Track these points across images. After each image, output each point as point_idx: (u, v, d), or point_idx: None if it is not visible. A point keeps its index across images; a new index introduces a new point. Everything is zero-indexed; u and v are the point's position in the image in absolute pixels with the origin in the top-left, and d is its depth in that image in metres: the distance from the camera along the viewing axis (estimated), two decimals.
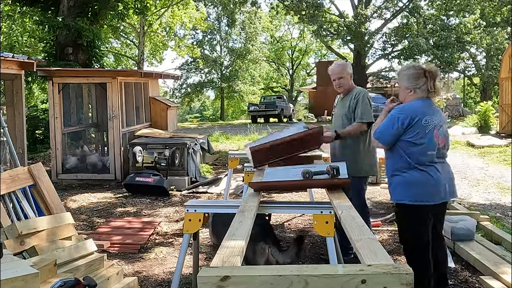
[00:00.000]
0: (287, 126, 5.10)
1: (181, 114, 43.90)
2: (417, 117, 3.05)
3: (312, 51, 47.93)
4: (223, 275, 1.49)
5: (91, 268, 3.34)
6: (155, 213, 6.37)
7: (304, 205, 3.35)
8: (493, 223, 5.23)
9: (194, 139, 8.85)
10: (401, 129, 3.07)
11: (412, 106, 3.12)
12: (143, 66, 29.75)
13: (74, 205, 6.90)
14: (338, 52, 35.83)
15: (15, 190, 3.56)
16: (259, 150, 3.71)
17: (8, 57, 7.26)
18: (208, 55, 39.78)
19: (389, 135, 3.12)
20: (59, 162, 8.63)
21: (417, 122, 3.05)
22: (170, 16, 27.21)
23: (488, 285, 3.51)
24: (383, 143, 3.17)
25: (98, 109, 10.03)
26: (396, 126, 3.08)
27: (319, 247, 4.76)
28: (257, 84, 44.20)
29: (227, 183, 6.19)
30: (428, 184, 3.07)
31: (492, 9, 26.35)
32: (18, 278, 2.15)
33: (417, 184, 3.07)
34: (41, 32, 14.90)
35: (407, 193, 3.09)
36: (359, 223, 2.30)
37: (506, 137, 14.01)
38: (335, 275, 1.49)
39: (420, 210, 3.08)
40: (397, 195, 3.16)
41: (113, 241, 4.96)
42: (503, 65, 15.83)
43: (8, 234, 3.15)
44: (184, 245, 3.15)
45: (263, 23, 41.31)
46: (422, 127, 3.06)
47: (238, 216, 2.50)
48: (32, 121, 13.23)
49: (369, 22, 27.42)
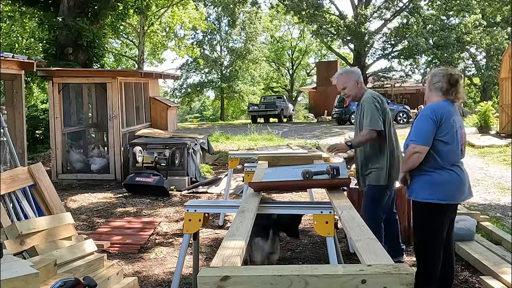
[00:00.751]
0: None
1: (181, 114, 43.95)
2: (447, 116, 3.08)
3: (312, 51, 47.94)
4: (223, 275, 1.49)
5: (91, 268, 3.34)
6: (155, 213, 6.37)
7: (304, 205, 3.35)
8: (493, 223, 5.23)
9: (194, 139, 8.86)
10: (435, 128, 3.06)
11: (440, 106, 3.12)
12: (143, 66, 29.77)
13: (74, 205, 6.90)
14: (338, 52, 35.83)
15: (15, 190, 3.56)
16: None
17: (8, 57, 7.26)
18: (208, 55, 39.78)
19: (427, 135, 3.07)
20: (59, 162, 8.63)
21: (447, 121, 3.08)
22: (170, 16, 27.21)
23: (488, 285, 3.51)
24: (426, 145, 3.07)
25: (98, 109, 10.02)
26: (431, 125, 3.06)
27: (319, 247, 4.76)
28: (257, 84, 44.18)
29: (227, 183, 6.19)
30: (455, 183, 3.12)
31: (492, 9, 26.37)
32: (18, 278, 2.15)
33: (445, 184, 3.09)
34: (41, 32, 14.90)
35: (435, 192, 3.09)
36: (359, 223, 2.30)
37: (506, 137, 14.00)
38: (335, 275, 1.49)
39: (443, 209, 3.12)
40: (422, 194, 3.14)
41: (113, 241, 4.96)
42: (503, 65, 15.82)
43: (8, 234, 3.15)
44: (184, 245, 3.15)
45: (263, 23, 41.31)
46: (451, 126, 3.09)
47: (238, 216, 2.51)
48: (32, 121, 13.22)
49: (369, 22, 27.43)
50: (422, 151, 3.07)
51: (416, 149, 3.07)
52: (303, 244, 4.89)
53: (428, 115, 3.08)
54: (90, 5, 14.39)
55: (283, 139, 15.46)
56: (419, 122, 3.13)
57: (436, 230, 3.16)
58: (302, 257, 4.50)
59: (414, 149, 3.08)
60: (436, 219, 3.15)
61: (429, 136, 3.06)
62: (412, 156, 3.10)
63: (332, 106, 25.50)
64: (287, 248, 4.79)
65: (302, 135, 17.53)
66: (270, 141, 14.94)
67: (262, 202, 2.99)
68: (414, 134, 3.13)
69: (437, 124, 3.06)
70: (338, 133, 17.97)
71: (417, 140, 3.08)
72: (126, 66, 36.13)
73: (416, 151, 3.07)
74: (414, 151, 3.08)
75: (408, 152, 3.14)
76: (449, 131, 3.08)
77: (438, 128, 3.06)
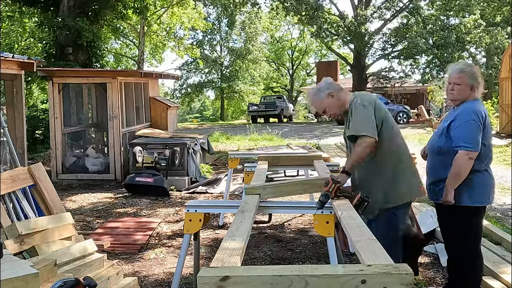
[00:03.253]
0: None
1: (181, 114, 43.92)
2: (486, 118, 3.02)
3: (312, 51, 47.91)
4: (223, 275, 1.49)
5: (91, 268, 3.34)
6: (155, 213, 6.37)
7: (304, 205, 3.35)
8: (493, 223, 5.23)
9: (194, 139, 8.86)
10: (482, 132, 2.97)
11: (479, 108, 3.03)
12: (143, 66, 29.75)
13: (74, 205, 6.90)
14: (338, 52, 35.78)
15: (15, 190, 3.56)
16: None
17: (8, 57, 7.27)
18: (208, 55, 39.79)
19: (478, 139, 2.96)
20: (59, 162, 8.63)
21: (487, 122, 3.01)
22: (169, 16, 27.20)
23: (488, 285, 3.51)
24: (478, 151, 2.94)
25: (98, 109, 10.03)
26: (479, 130, 2.96)
27: (319, 247, 4.76)
28: (257, 84, 44.18)
29: (227, 183, 6.19)
30: (490, 185, 3.10)
31: (492, 9, 26.33)
32: (18, 278, 2.15)
33: (485, 186, 3.07)
34: (41, 33, 14.90)
35: (476, 195, 3.03)
36: (359, 224, 2.30)
37: (506, 137, 14.01)
38: (335, 275, 1.49)
39: (480, 211, 3.11)
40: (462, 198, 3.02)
41: (113, 241, 4.96)
42: (503, 65, 15.83)
43: (8, 234, 3.15)
44: (184, 245, 3.15)
45: (263, 23, 41.30)
46: (489, 129, 3.06)
47: (238, 216, 2.50)
48: (32, 121, 13.22)
49: (369, 22, 27.41)
50: (474, 157, 2.95)
51: (469, 155, 2.93)
52: (303, 244, 4.90)
53: (473, 120, 2.95)
54: (90, 5, 14.39)
55: (283, 139, 15.47)
56: (470, 127, 2.95)
57: (479, 234, 3.16)
58: (302, 257, 4.50)
59: (469, 156, 2.93)
60: (479, 222, 3.14)
61: (479, 141, 2.96)
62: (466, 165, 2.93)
63: None
64: (287, 248, 4.79)
65: (302, 135, 17.53)
66: (270, 141, 14.94)
67: (262, 202, 2.99)
68: (463, 139, 2.94)
69: (482, 128, 2.97)
70: (338, 133, 17.96)
71: (471, 147, 2.93)
72: (126, 66, 36.11)
73: (470, 158, 2.93)
74: (468, 157, 2.93)
75: (461, 160, 2.93)
76: (487, 133, 3.02)
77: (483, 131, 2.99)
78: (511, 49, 15.16)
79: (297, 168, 6.63)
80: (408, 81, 30.49)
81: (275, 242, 4.99)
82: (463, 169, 2.94)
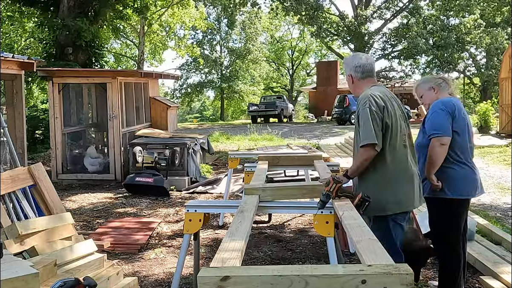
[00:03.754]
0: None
1: (181, 114, 43.95)
2: (458, 109, 3.09)
3: (312, 51, 47.93)
4: (223, 275, 1.49)
5: (91, 268, 3.34)
6: (155, 213, 6.37)
7: (304, 205, 3.35)
8: (493, 223, 5.22)
9: (194, 139, 8.86)
10: (451, 119, 3.06)
11: (449, 100, 3.14)
12: (143, 66, 29.75)
13: (74, 205, 6.90)
14: (338, 52, 35.80)
15: (15, 190, 3.56)
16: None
17: (8, 57, 7.27)
18: (208, 55, 39.79)
19: (447, 125, 3.04)
20: (59, 162, 8.63)
21: (459, 113, 3.09)
22: (169, 16, 27.20)
23: (488, 285, 3.51)
24: (448, 136, 3.04)
25: (98, 109, 10.03)
26: (447, 117, 3.05)
27: (319, 247, 4.76)
28: (257, 84, 44.19)
29: (227, 183, 6.19)
30: (471, 178, 3.16)
31: (492, 9, 26.35)
32: (18, 278, 2.15)
33: (464, 179, 3.13)
34: (41, 33, 14.90)
35: (454, 187, 3.11)
36: (360, 224, 2.30)
37: (506, 137, 14.01)
38: (335, 275, 1.49)
39: (463, 203, 3.17)
40: (442, 190, 3.13)
41: (113, 241, 4.96)
42: (503, 65, 15.82)
43: (8, 234, 3.15)
44: (184, 245, 3.15)
45: (263, 23, 41.31)
46: (462, 119, 3.11)
47: (238, 216, 2.50)
48: (32, 121, 13.22)
49: (369, 22, 27.41)
50: (447, 143, 3.03)
51: (441, 141, 3.02)
52: (303, 244, 4.89)
53: (440, 109, 3.08)
54: (90, 5, 14.39)
55: (283, 139, 15.46)
56: (437, 116, 3.09)
57: (454, 225, 3.19)
58: (302, 257, 4.50)
59: (439, 141, 3.02)
60: (459, 215, 3.19)
61: (449, 127, 3.04)
62: (439, 151, 3.02)
63: (332, 106, 25.51)
64: (287, 248, 4.79)
65: (302, 135, 17.53)
66: (270, 141, 14.94)
67: (261, 202, 2.99)
68: (433, 127, 3.06)
69: (452, 117, 3.06)
70: (338, 133, 17.96)
71: (440, 133, 3.03)
72: (126, 66, 36.12)
73: (442, 143, 3.02)
74: (440, 143, 3.02)
75: (433, 147, 3.03)
76: (461, 124, 3.10)
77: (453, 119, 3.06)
78: (511, 49, 15.15)
79: (297, 168, 6.63)
80: (408, 81, 30.50)
81: (275, 242, 4.99)
82: (436, 154, 3.04)
